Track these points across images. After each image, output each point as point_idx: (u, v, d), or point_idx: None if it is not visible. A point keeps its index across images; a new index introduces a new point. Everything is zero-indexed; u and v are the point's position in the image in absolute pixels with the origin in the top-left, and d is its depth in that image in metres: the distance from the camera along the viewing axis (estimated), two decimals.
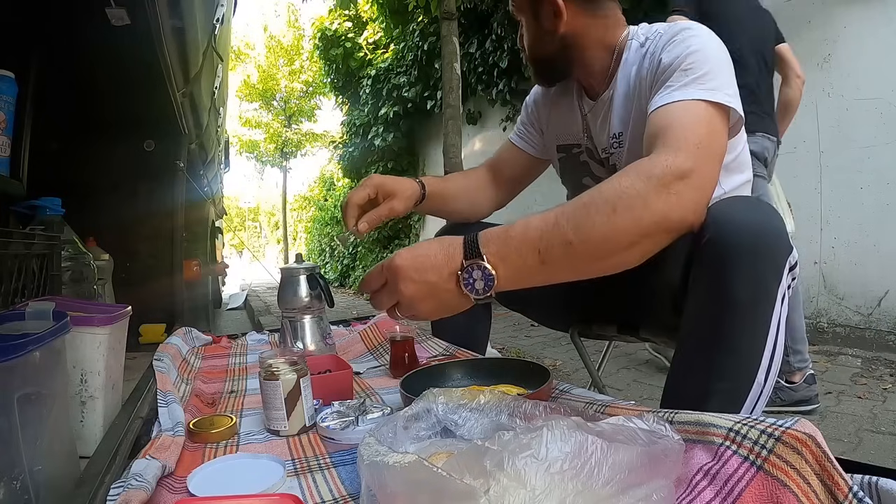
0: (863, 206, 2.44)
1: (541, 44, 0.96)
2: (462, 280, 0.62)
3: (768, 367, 0.67)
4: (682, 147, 0.66)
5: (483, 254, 0.61)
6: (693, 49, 0.77)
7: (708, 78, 0.74)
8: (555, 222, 0.62)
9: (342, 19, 7.05)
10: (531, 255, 0.61)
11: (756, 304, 0.65)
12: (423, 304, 0.63)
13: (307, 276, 1.26)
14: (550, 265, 0.61)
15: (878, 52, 2.37)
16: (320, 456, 0.72)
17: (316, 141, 14.12)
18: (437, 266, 0.62)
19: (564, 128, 1.07)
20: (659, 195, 0.61)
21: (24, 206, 1.36)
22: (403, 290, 0.62)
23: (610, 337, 1.22)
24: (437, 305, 0.64)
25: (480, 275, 0.61)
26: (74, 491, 0.61)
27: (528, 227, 0.62)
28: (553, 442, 0.40)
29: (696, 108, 0.71)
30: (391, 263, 0.63)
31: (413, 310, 0.64)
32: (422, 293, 0.62)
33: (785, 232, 0.67)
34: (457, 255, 0.62)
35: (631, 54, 0.91)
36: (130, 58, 1.64)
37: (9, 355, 0.57)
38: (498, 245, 0.62)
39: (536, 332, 3.26)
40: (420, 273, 0.62)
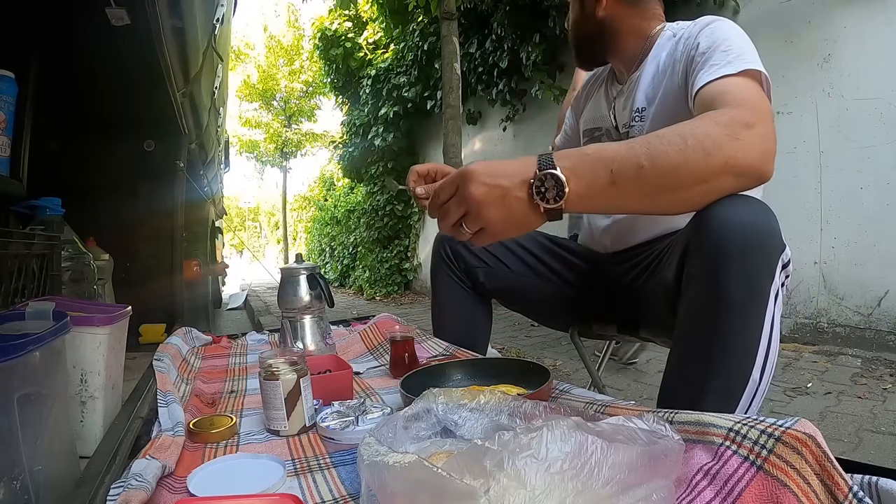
0: (863, 206, 2.44)
1: (581, 25, 1.05)
2: (534, 188, 0.62)
3: (763, 364, 0.67)
4: (743, 104, 0.70)
5: (557, 166, 0.62)
6: (729, 34, 0.85)
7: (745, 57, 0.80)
8: (629, 147, 0.64)
9: (342, 19, 7.04)
10: (603, 172, 0.63)
11: (749, 302, 0.65)
12: (491, 210, 0.63)
13: (307, 276, 1.26)
14: (620, 187, 0.63)
15: (878, 52, 2.37)
16: (320, 456, 0.72)
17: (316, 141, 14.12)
18: (509, 173, 0.63)
19: (592, 112, 1.15)
20: (728, 139, 0.64)
21: (24, 206, 1.36)
22: (474, 191, 0.62)
23: (610, 337, 1.23)
24: (506, 214, 0.63)
25: (553, 184, 0.61)
26: (74, 491, 0.61)
27: (604, 148, 0.65)
28: (553, 442, 0.40)
29: (742, 80, 0.77)
30: (465, 169, 0.63)
31: (480, 219, 0.63)
32: (492, 197, 0.62)
33: (778, 230, 0.67)
34: (530, 165, 0.63)
35: (662, 42, 0.99)
36: (130, 58, 1.63)
37: (9, 355, 0.57)
38: (572, 160, 0.63)
39: (536, 332, 3.26)
40: (492, 177, 0.62)
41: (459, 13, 3.51)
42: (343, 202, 8.31)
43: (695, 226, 0.69)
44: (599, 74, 1.19)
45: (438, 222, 0.67)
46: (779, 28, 2.72)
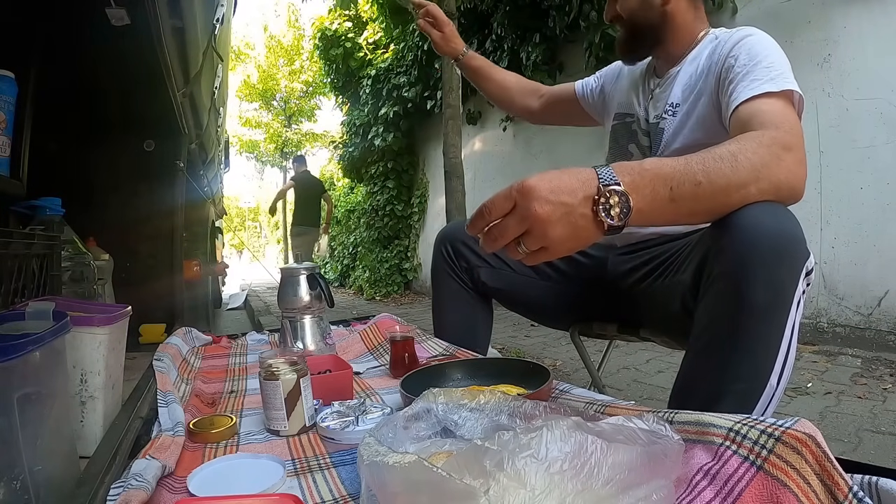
0: (863, 206, 2.44)
1: (644, 12, 1.02)
2: (600, 204, 0.60)
3: (781, 370, 0.67)
4: (781, 126, 0.73)
5: (619, 182, 0.61)
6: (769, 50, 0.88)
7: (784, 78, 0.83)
8: (686, 164, 0.65)
9: (342, 19, 7.05)
10: (663, 189, 0.63)
11: (774, 307, 0.66)
12: (556, 228, 0.60)
13: (307, 276, 1.26)
14: (678, 203, 0.64)
15: (878, 52, 2.37)
16: (320, 456, 0.72)
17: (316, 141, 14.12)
18: (573, 188, 0.61)
19: (627, 97, 1.16)
20: (773, 159, 0.68)
21: (24, 206, 1.36)
22: (538, 210, 0.59)
23: (610, 336, 1.22)
24: (571, 231, 0.61)
25: (618, 200, 0.61)
26: (74, 491, 0.61)
27: (663, 165, 0.65)
28: (553, 442, 0.40)
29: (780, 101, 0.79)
30: (523, 185, 0.60)
31: (545, 237, 0.60)
32: (557, 214, 0.59)
33: (803, 237, 0.68)
34: (592, 180, 0.62)
35: (705, 43, 1.00)
36: (130, 58, 1.64)
37: (9, 355, 0.57)
38: (633, 176, 0.62)
39: (536, 332, 3.26)
40: (556, 194, 0.60)
41: (459, 13, 3.51)
42: (343, 202, 8.31)
43: (719, 230, 0.69)
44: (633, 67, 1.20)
45: (486, 240, 0.63)
46: (779, 28, 2.71)
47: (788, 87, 0.80)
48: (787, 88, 0.80)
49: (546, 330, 3.13)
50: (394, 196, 6.74)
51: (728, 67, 0.88)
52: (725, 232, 0.68)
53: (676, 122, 0.98)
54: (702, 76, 0.96)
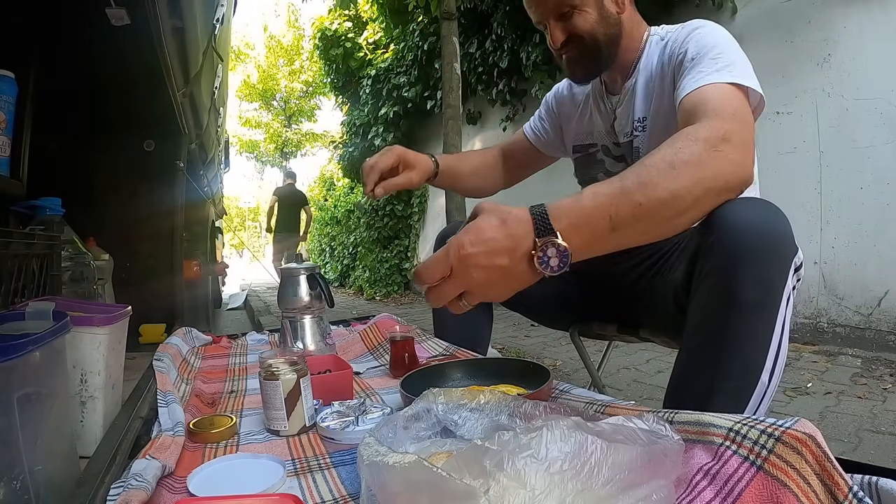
0: (863, 206, 2.44)
1: (605, 27, 0.95)
2: (537, 260, 0.59)
3: (772, 367, 0.67)
4: (720, 114, 0.70)
5: (556, 230, 0.59)
6: (718, 41, 0.84)
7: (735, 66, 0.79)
8: (621, 187, 0.61)
9: (342, 19, 7.05)
10: (603, 222, 0.60)
11: (762, 305, 0.66)
12: (495, 290, 0.61)
13: (307, 276, 1.26)
14: (621, 230, 0.61)
15: (878, 52, 2.37)
16: (320, 456, 0.72)
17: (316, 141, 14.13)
18: (508, 248, 0.59)
19: (582, 127, 1.12)
20: (710, 154, 0.64)
21: (24, 206, 1.36)
22: (476, 276, 0.58)
23: (610, 336, 1.22)
24: (511, 287, 0.61)
25: (555, 252, 0.58)
26: (74, 491, 0.61)
27: (598, 194, 0.61)
28: (553, 442, 0.40)
29: (727, 87, 0.76)
30: (458, 252, 0.59)
31: (486, 296, 0.61)
32: (495, 277, 0.59)
33: (791, 233, 0.68)
34: (527, 234, 0.59)
35: (651, 48, 0.97)
36: (130, 58, 1.63)
37: (9, 355, 0.57)
38: (571, 217, 0.60)
39: (536, 332, 3.26)
40: (491, 258, 0.58)
41: (459, 13, 3.51)
42: (343, 202, 8.31)
43: (708, 227, 0.69)
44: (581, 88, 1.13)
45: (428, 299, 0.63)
46: (779, 28, 2.72)
47: (733, 81, 0.76)
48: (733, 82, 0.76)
49: (546, 330, 3.13)
50: (394, 196, 6.73)
51: (679, 63, 0.87)
52: (713, 230, 0.68)
53: (648, 136, 0.96)
54: (656, 83, 0.94)
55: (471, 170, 1.23)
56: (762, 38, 2.78)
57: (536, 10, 0.97)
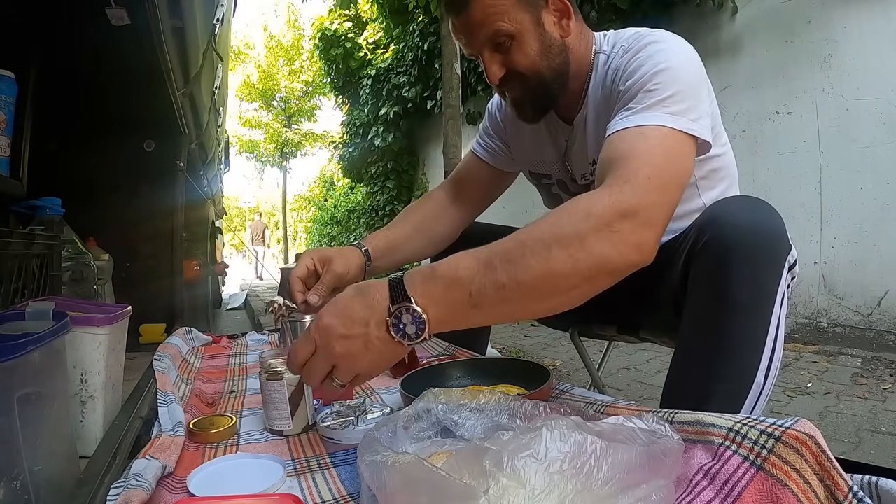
0: (863, 206, 2.44)
1: (548, 59, 0.81)
2: (391, 326, 0.55)
3: (767, 367, 0.67)
4: (631, 180, 0.59)
5: (410, 296, 0.55)
6: (661, 67, 0.71)
7: (673, 101, 0.67)
8: (487, 262, 0.55)
9: (342, 19, 7.05)
10: (461, 295, 0.55)
11: (756, 304, 0.65)
12: (361, 359, 0.56)
13: None
14: (483, 309, 0.55)
15: (878, 52, 2.37)
16: (320, 456, 0.72)
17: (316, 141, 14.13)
18: (363, 316, 0.56)
19: (534, 154, 1.01)
20: (599, 235, 0.55)
21: (24, 206, 1.35)
22: (338, 348, 0.55)
23: (610, 337, 1.22)
24: (376, 356, 0.57)
25: (410, 318, 0.55)
26: (74, 491, 0.61)
27: (459, 267, 0.56)
28: (552, 442, 0.40)
29: (656, 133, 0.65)
30: (318, 324, 0.57)
31: (353, 369, 0.57)
32: (356, 347, 0.56)
33: (784, 231, 0.67)
34: (382, 300, 0.56)
35: (598, 71, 0.85)
36: (130, 58, 1.63)
37: (9, 355, 0.57)
38: (425, 286, 0.56)
39: (536, 332, 3.26)
40: (348, 326, 0.55)
41: None
42: (343, 202, 8.32)
43: (701, 227, 0.69)
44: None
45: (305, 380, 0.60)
46: (779, 28, 2.72)
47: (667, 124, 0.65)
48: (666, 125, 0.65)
49: (546, 330, 3.13)
50: (394, 196, 6.74)
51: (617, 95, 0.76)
52: (706, 229, 0.67)
53: None
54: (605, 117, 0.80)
55: (411, 230, 1.03)
56: (762, 38, 2.78)
57: (467, 41, 0.83)
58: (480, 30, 0.79)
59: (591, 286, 0.58)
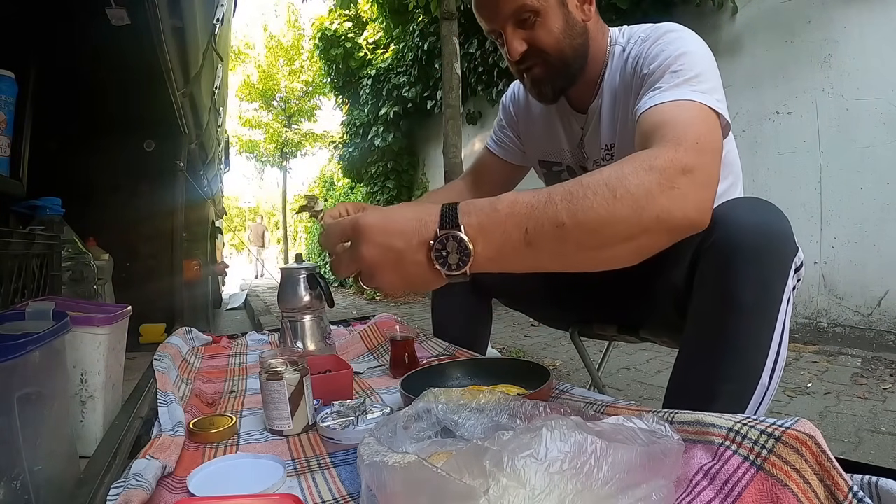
0: (863, 206, 2.44)
1: (570, 37, 0.83)
2: (433, 251, 0.52)
3: (773, 368, 0.67)
4: (683, 142, 0.59)
5: (461, 224, 0.52)
6: (683, 51, 0.74)
7: (699, 80, 0.70)
8: (548, 199, 0.53)
9: (342, 19, 7.05)
10: (516, 232, 0.53)
11: (762, 306, 0.65)
12: (384, 275, 0.54)
13: (307, 276, 1.26)
14: (537, 248, 0.53)
15: (878, 52, 2.37)
16: (320, 456, 0.72)
17: (316, 141, 14.13)
18: (406, 231, 0.53)
19: (546, 144, 1.03)
20: (662, 189, 0.54)
21: (24, 206, 1.35)
22: (365, 252, 0.53)
23: (610, 337, 1.22)
24: (401, 279, 0.55)
25: (455, 247, 0.52)
26: (74, 491, 0.61)
27: (518, 202, 0.54)
28: (553, 442, 0.40)
29: (691, 106, 0.67)
30: (356, 221, 0.54)
31: (373, 279, 0.55)
32: (385, 261, 0.53)
33: (791, 233, 0.67)
34: (431, 222, 0.53)
35: (614, 61, 0.87)
36: (130, 58, 1.63)
37: (9, 355, 0.57)
38: (480, 217, 0.53)
39: (536, 332, 3.26)
40: (386, 236, 0.53)
41: (459, 13, 3.51)
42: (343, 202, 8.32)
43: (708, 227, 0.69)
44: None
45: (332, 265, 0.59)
46: (779, 28, 2.72)
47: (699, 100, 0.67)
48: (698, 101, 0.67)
49: (546, 330, 3.13)
50: (394, 196, 6.74)
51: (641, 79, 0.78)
52: (713, 231, 0.67)
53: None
54: (621, 105, 0.86)
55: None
56: (762, 38, 2.78)
57: (490, 15, 0.84)
58: (507, 4, 0.80)
59: (649, 240, 0.56)
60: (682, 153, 0.57)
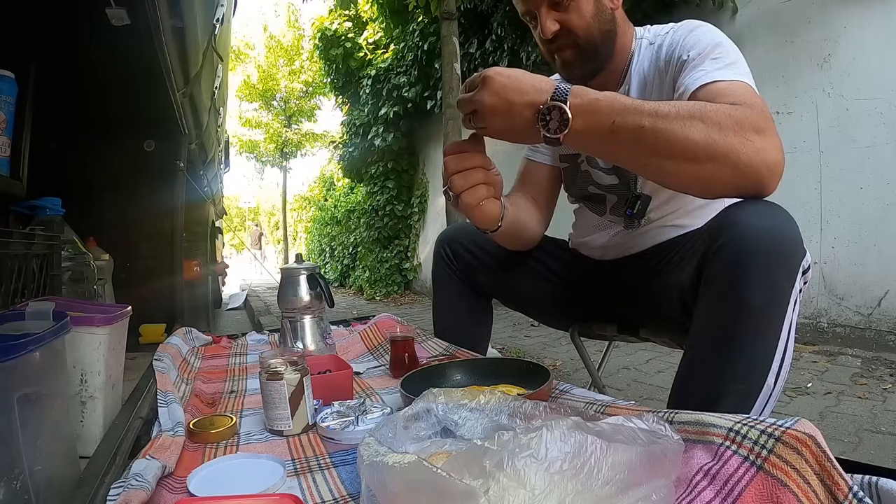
0: (863, 206, 2.44)
1: (600, 22, 0.89)
2: (539, 114, 0.66)
3: (779, 370, 0.67)
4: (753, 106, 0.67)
5: (569, 102, 0.65)
6: (717, 41, 0.82)
7: (738, 66, 0.77)
8: (639, 105, 0.66)
9: (342, 19, 7.04)
10: (606, 120, 0.66)
11: (770, 308, 0.66)
12: (495, 119, 0.69)
13: (307, 276, 1.26)
14: (616, 138, 0.66)
15: (878, 52, 2.37)
16: (320, 456, 0.72)
17: (316, 141, 14.12)
18: (523, 90, 0.67)
19: None
20: (736, 132, 0.64)
21: (24, 206, 1.36)
22: (485, 98, 0.67)
23: (610, 337, 1.22)
24: (508, 125, 0.69)
25: (558, 116, 0.65)
26: (74, 491, 0.61)
27: (616, 99, 0.67)
28: (552, 442, 0.40)
29: (744, 85, 0.74)
30: (485, 73, 0.68)
31: (484, 121, 0.70)
32: (499, 108, 0.67)
33: (799, 235, 0.68)
34: (545, 90, 0.67)
35: (642, 51, 0.93)
36: (130, 58, 1.64)
37: (9, 355, 0.57)
38: (583, 100, 0.66)
39: (536, 332, 3.26)
40: (505, 91, 0.67)
41: (459, 13, 3.51)
42: (343, 202, 8.31)
43: (716, 229, 0.69)
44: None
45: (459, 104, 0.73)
46: (779, 28, 2.72)
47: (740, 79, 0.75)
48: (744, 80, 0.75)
49: (546, 330, 3.13)
50: (394, 196, 6.74)
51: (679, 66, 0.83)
52: (722, 232, 0.68)
53: None
54: (652, 88, 0.90)
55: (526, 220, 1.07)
56: (762, 38, 2.78)
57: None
58: None
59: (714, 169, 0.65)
60: (756, 115, 0.66)
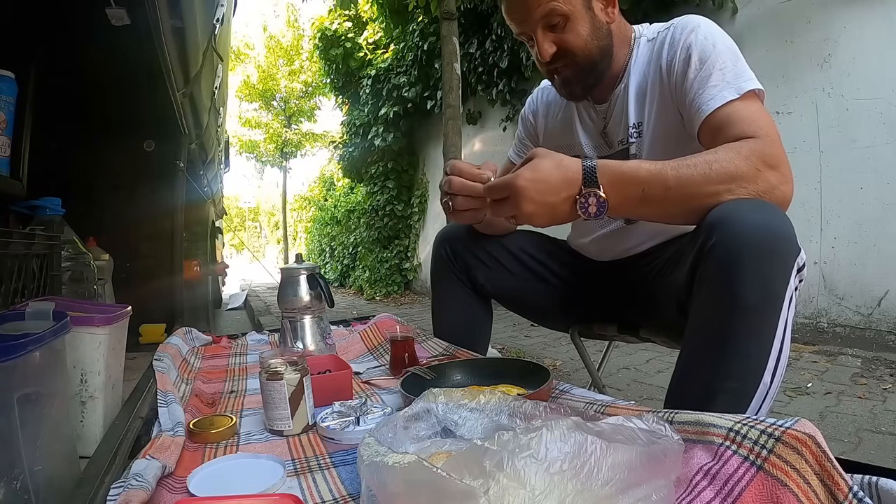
0: (863, 206, 2.44)
1: (597, 39, 0.90)
2: (579, 204, 0.73)
3: (774, 368, 0.67)
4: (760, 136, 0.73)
5: (600, 184, 0.72)
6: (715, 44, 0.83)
7: (740, 69, 0.81)
8: (661, 169, 0.72)
9: (342, 19, 7.04)
10: (636, 190, 0.72)
11: (764, 306, 0.65)
12: (538, 220, 0.75)
13: (307, 276, 1.26)
14: (649, 203, 0.73)
15: (878, 52, 2.37)
16: (320, 456, 0.72)
17: (316, 141, 14.11)
18: (556, 190, 0.72)
19: (559, 138, 1.08)
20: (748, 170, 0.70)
21: (24, 206, 1.36)
22: (525, 208, 0.72)
23: (610, 337, 1.22)
24: (550, 221, 0.75)
25: (595, 201, 0.72)
26: (74, 491, 0.61)
27: (640, 168, 0.73)
28: (552, 442, 0.40)
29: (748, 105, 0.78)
30: (515, 184, 0.72)
31: (530, 223, 0.77)
32: (540, 212, 0.73)
33: (793, 233, 0.67)
34: (575, 182, 0.72)
35: (640, 48, 0.94)
36: (130, 58, 1.64)
37: (9, 355, 0.57)
38: (612, 177, 0.72)
39: (536, 332, 3.26)
40: (541, 195, 0.72)
41: (459, 13, 3.51)
42: (343, 202, 8.31)
43: (709, 228, 0.69)
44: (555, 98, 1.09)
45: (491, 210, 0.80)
46: (779, 28, 2.71)
47: (749, 88, 0.79)
48: (749, 89, 0.79)
49: (546, 330, 3.12)
50: (394, 196, 6.73)
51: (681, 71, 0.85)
52: (715, 231, 0.68)
53: (647, 141, 0.93)
54: (652, 86, 0.91)
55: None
56: (762, 38, 2.78)
57: (521, 19, 0.90)
58: (537, 9, 0.87)
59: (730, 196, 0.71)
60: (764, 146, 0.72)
